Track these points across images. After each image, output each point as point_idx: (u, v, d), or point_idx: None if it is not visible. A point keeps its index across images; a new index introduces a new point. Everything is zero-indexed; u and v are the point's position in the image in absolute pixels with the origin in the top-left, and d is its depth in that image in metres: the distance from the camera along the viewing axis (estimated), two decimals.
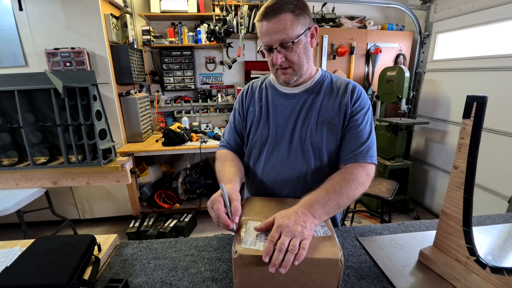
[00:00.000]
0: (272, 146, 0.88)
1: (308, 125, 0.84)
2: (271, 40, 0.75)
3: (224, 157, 0.92)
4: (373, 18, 2.99)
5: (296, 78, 0.83)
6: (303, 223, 0.58)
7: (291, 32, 0.73)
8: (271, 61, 0.80)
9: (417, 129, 3.00)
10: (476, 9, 2.25)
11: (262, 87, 0.94)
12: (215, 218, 0.65)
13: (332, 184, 0.72)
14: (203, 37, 2.69)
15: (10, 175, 1.83)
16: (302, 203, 0.65)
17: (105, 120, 1.84)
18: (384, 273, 0.69)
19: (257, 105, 0.92)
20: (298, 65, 0.79)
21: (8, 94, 1.69)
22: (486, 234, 0.84)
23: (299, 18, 0.74)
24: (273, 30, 0.73)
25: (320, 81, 0.87)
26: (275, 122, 0.87)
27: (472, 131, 0.58)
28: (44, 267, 0.63)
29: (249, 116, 0.93)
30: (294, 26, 0.73)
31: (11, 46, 2.08)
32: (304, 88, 0.87)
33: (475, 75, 2.29)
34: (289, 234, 0.55)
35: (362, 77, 2.94)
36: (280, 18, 0.72)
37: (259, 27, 0.77)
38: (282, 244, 0.53)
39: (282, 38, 0.73)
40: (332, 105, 0.83)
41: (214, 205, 0.66)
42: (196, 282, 0.68)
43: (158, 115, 3.05)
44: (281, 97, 0.89)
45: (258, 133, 0.90)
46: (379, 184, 1.99)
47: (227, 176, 0.80)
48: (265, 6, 0.74)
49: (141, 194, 2.66)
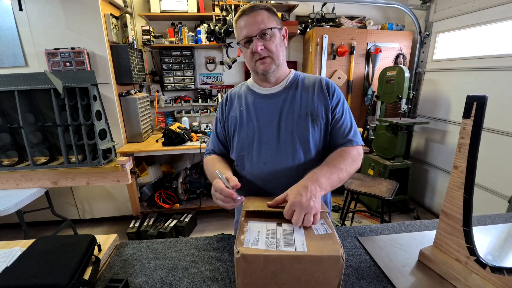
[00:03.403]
0: (259, 145, 0.89)
1: (292, 119, 0.87)
2: (251, 30, 0.82)
3: (212, 159, 0.97)
4: (373, 18, 2.99)
5: (274, 68, 0.87)
6: (314, 198, 0.66)
7: (268, 24, 0.82)
8: (250, 53, 0.85)
9: (417, 129, 3.00)
10: (476, 9, 2.25)
11: (240, 93, 0.97)
12: (219, 194, 0.72)
13: (331, 160, 0.81)
14: (203, 37, 2.69)
15: (10, 175, 1.83)
16: (309, 177, 0.73)
17: (105, 120, 1.84)
18: (384, 273, 0.69)
19: (237, 110, 0.94)
20: (276, 54, 0.85)
21: (8, 94, 1.69)
22: (486, 234, 0.84)
23: (273, 16, 0.85)
24: (252, 22, 0.82)
25: (294, 79, 0.93)
26: (258, 122, 0.90)
27: (472, 131, 0.58)
28: (44, 267, 0.63)
29: (231, 123, 0.95)
30: (270, 20, 0.83)
31: (11, 46, 2.08)
32: (282, 87, 0.92)
33: (475, 75, 2.29)
34: (303, 210, 0.63)
35: (362, 77, 2.94)
36: (258, 12, 0.82)
37: (238, 24, 0.85)
38: (297, 221, 0.62)
39: (261, 28, 0.81)
40: (311, 98, 0.89)
41: (216, 185, 0.73)
42: (196, 282, 0.68)
43: (158, 115, 3.05)
44: (261, 98, 0.92)
45: (242, 135, 0.92)
46: (379, 184, 1.99)
47: (218, 169, 0.84)
48: (242, 8, 0.85)
49: (141, 194, 2.66)
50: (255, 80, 0.95)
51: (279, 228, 0.63)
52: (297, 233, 0.61)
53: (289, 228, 0.62)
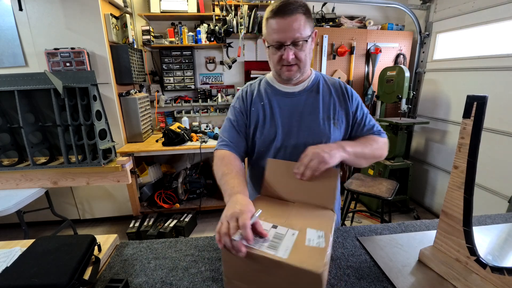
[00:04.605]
0: (281, 143, 0.90)
1: (313, 120, 0.89)
2: (285, 37, 0.77)
3: (227, 159, 0.85)
4: (373, 18, 2.99)
5: (298, 75, 0.87)
6: (327, 151, 0.73)
7: (304, 32, 0.78)
8: (278, 57, 0.81)
9: (417, 129, 3.00)
10: (476, 9, 2.24)
11: (260, 88, 0.96)
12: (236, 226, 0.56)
13: (356, 140, 0.90)
14: (203, 37, 2.69)
15: (10, 175, 1.83)
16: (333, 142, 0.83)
17: (105, 120, 1.84)
18: (384, 273, 0.69)
19: (258, 104, 0.93)
20: (304, 63, 0.84)
21: (8, 94, 1.69)
22: (486, 234, 0.84)
23: (309, 20, 0.80)
24: (287, 27, 0.76)
25: (316, 80, 0.93)
26: (281, 119, 0.90)
27: (472, 130, 0.58)
28: (44, 267, 0.63)
29: (252, 117, 0.93)
30: (305, 27, 0.78)
31: (11, 46, 2.08)
32: (303, 87, 0.91)
33: (475, 74, 2.29)
34: (312, 156, 0.72)
35: (362, 77, 2.94)
36: (295, 17, 0.76)
37: (270, 23, 0.79)
38: (303, 160, 0.73)
39: (296, 36, 0.77)
40: (333, 103, 0.91)
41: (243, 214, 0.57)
42: (196, 282, 0.68)
43: (158, 115, 3.05)
44: (282, 96, 0.92)
45: (264, 132, 0.91)
46: (379, 184, 1.99)
47: (238, 184, 0.73)
48: (279, 5, 0.76)
49: (141, 194, 2.66)
50: (275, 77, 0.94)
51: (272, 229, 0.61)
52: (287, 239, 0.57)
53: (282, 233, 0.60)
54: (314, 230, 0.61)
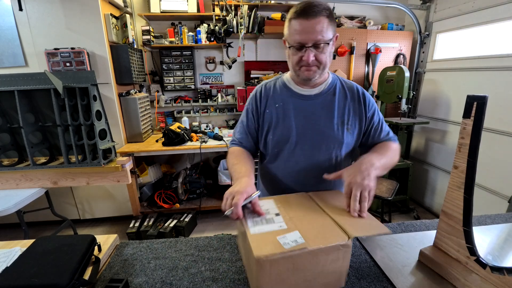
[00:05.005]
0: (294, 145, 0.91)
1: (327, 124, 0.90)
2: (308, 39, 0.78)
3: (238, 153, 0.94)
4: (373, 18, 2.99)
5: (317, 77, 0.86)
6: (368, 176, 0.72)
7: (326, 34, 0.78)
8: (298, 58, 0.82)
9: (417, 129, 3.00)
10: (476, 9, 2.24)
11: (276, 89, 0.96)
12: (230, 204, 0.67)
13: (378, 149, 0.89)
14: (203, 37, 2.69)
15: (10, 175, 1.83)
16: (362, 159, 0.78)
17: (105, 120, 1.84)
18: (384, 273, 0.69)
19: (273, 107, 0.93)
20: (324, 65, 0.84)
21: (8, 94, 1.68)
22: (486, 234, 0.84)
23: (332, 23, 0.80)
24: (310, 29, 0.77)
25: (332, 84, 0.93)
26: (295, 122, 0.90)
27: (472, 130, 0.58)
28: (44, 267, 0.63)
29: (266, 119, 0.94)
30: (328, 30, 0.78)
31: (11, 46, 2.08)
32: (320, 90, 0.92)
33: (475, 74, 2.29)
34: (359, 188, 0.70)
35: (362, 77, 2.94)
36: (318, 19, 0.76)
37: (292, 24, 0.79)
38: (355, 196, 0.69)
39: (318, 39, 0.77)
40: (348, 108, 0.92)
41: (238, 195, 0.67)
42: (196, 282, 0.68)
43: (158, 115, 3.05)
44: (298, 98, 0.92)
45: (278, 133, 0.92)
46: (379, 184, 1.99)
47: (245, 170, 0.82)
48: (303, 6, 0.77)
49: (141, 194, 2.66)
50: (293, 78, 0.94)
51: (272, 215, 0.69)
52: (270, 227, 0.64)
53: (274, 221, 0.66)
54: (299, 235, 0.60)
